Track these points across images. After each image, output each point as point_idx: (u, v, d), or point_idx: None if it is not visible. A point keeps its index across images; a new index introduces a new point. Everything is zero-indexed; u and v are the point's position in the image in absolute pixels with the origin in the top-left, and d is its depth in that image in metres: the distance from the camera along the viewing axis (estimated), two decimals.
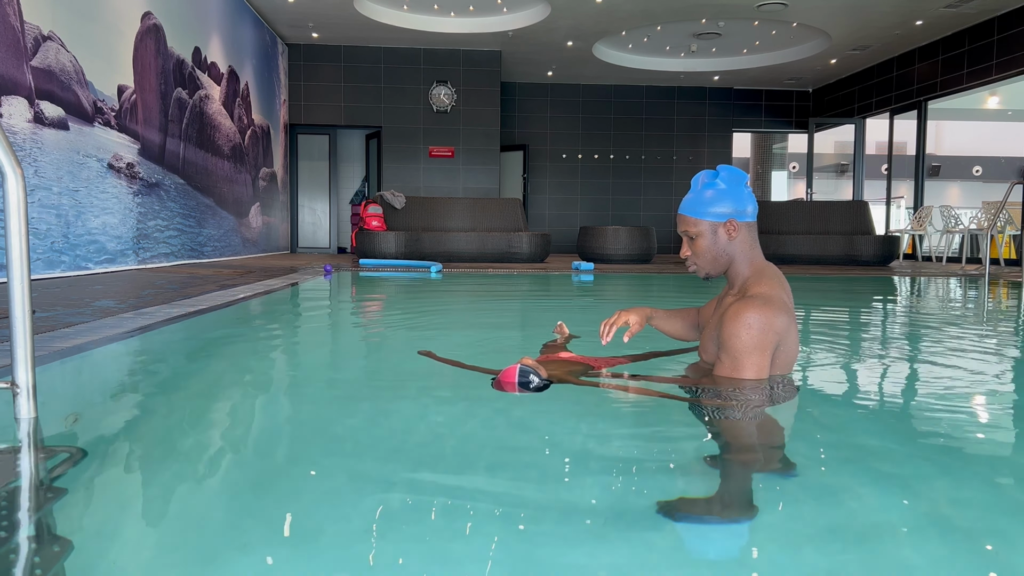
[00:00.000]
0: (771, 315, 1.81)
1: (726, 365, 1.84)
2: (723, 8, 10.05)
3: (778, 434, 1.64)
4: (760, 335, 1.80)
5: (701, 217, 1.90)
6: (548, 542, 1.05)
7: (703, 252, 1.93)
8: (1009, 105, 16.41)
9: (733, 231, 1.90)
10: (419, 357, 2.50)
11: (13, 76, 4.93)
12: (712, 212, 1.89)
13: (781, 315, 1.83)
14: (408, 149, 12.68)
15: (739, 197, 1.90)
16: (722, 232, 1.91)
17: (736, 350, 1.81)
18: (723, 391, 1.80)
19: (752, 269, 1.95)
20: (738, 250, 1.93)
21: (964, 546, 1.08)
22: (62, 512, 1.15)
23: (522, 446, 1.54)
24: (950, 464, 1.49)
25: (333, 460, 1.45)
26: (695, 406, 1.75)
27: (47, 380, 1.96)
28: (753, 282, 1.91)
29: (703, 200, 1.90)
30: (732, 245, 1.92)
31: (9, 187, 1.51)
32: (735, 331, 1.81)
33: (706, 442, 1.58)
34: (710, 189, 1.90)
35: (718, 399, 1.76)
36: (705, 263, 1.95)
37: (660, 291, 6.06)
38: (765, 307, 1.82)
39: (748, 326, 1.80)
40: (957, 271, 8.73)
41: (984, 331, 3.71)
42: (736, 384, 1.81)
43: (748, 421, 1.65)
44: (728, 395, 1.78)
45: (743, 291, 1.92)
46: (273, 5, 10.37)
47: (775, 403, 1.78)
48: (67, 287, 4.58)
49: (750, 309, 1.81)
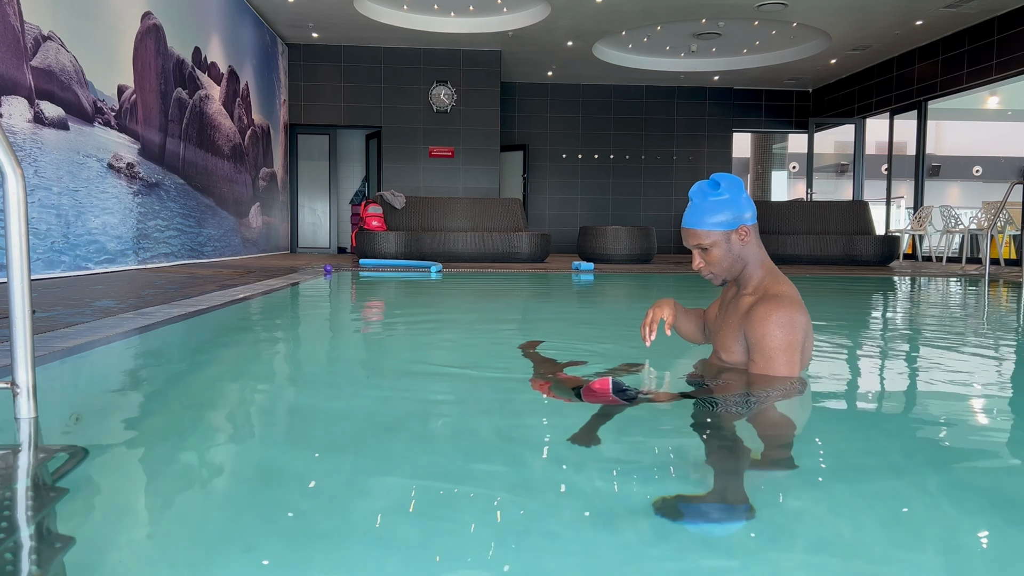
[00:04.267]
0: (798, 314, 1.90)
1: (759, 364, 1.90)
2: (723, 8, 10.05)
3: (791, 431, 1.67)
4: (792, 333, 1.88)
5: (713, 228, 1.95)
6: (548, 543, 1.05)
7: (719, 261, 1.98)
8: (1009, 105, 16.42)
9: (745, 236, 1.96)
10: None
11: (13, 76, 4.93)
12: (723, 222, 1.94)
13: (804, 313, 1.92)
14: (408, 149, 12.68)
15: (742, 203, 1.96)
16: (735, 239, 1.96)
17: (771, 349, 1.87)
18: (757, 393, 1.84)
19: (764, 269, 2.01)
20: (751, 253, 1.99)
21: (964, 546, 1.08)
22: (63, 511, 1.15)
23: (525, 446, 1.54)
24: (949, 464, 1.49)
25: (333, 459, 1.45)
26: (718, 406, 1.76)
27: (47, 380, 1.96)
28: (771, 282, 1.98)
29: (711, 211, 1.94)
30: (746, 249, 1.97)
31: (9, 187, 1.51)
32: (769, 331, 1.87)
33: (743, 443, 1.58)
34: (715, 199, 1.94)
35: (748, 402, 1.80)
36: (722, 271, 2.00)
37: (660, 291, 6.06)
38: (792, 306, 1.89)
39: (781, 325, 1.87)
40: (957, 271, 8.73)
41: (984, 331, 3.71)
42: (770, 383, 1.87)
43: (782, 420, 1.70)
44: (761, 396, 1.82)
45: (762, 291, 1.97)
46: (273, 5, 10.37)
47: (799, 399, 1.82)
48: (67, 287, 4.58)
49: (781, 309, 1.88)
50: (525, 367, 2.31)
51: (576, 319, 4.39)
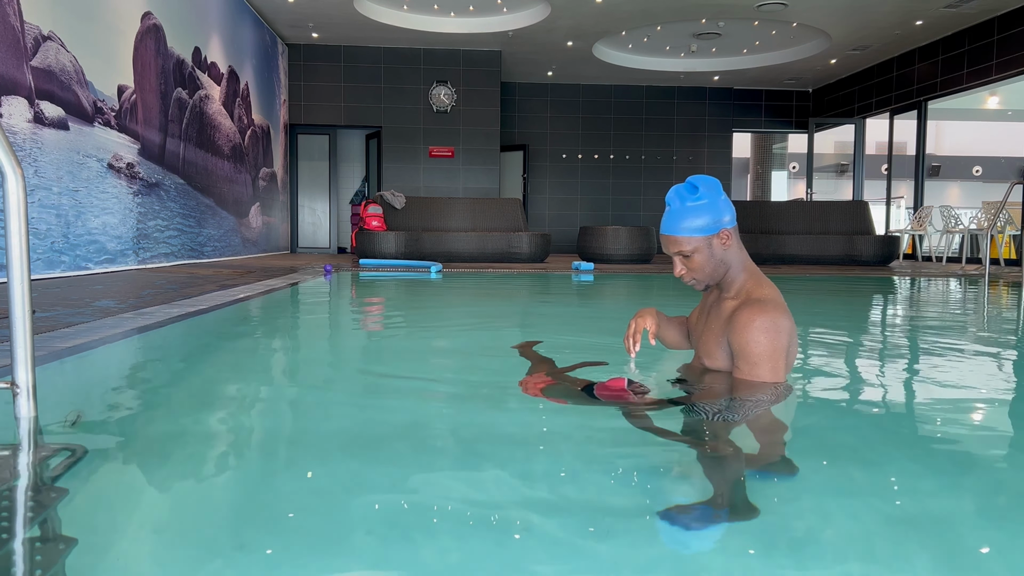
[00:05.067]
0: (782, 318, 1.85)
1: (744, 371, 1.86)
2: (723, 8, 10.05)
3: (782, 435, 1.65)
4: (776, 338, 1.83)
5: (694, 234, 1.88)
6: (547, 543, 1.05)
7: (702, 267, 1.92)
8: (1009, 105, 16.41)
9: (727, 239, 1.90)
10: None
11: (13, 76, 4.93)
12: (703, 226, 1.88)
13: (788, 317, 1.88)
14: (408, 149, 12.68)
15: (722, 205, 1.89)
16: (717, 243, 1.90)
17: (755, 355, 1.83)
18: (744, 398, 1.81)
19: (747, 272, 1.96)
20: (733, 256, 1.93)
21: (962, 546, 1.08)
22: (63, 511, 1.15)
23: (523, 447, 1.54)
24: (947, 465, 1.49)
25: (333, 459, 1.45)
26: (699, 413, 1.75)
27: (47, 380, 1.96)
28: (753, 285, 1.93)
29: (690, 216, 1.88)
30: (728, 253, 1.92)
31: (9, 187, 1.51)
32: (753, 337, 1.83)
33: (711, 448, 1.58)
34: (693, 204, 1.88)
35: (733, 407, 1.77)
36: (705, 276, 1.94)
37: (660, 291, 6.05)
38: (775, 311, 1.85)
39: (764, 330, 1.82)
40: (957, 271, 8.73)
41: (983, 331, 3.71)
42: (756, 388, 1.83)
43: (757, 425, 1.66)
44: (747, 401, 1.79)
45: (744, 295, 1.92)
46: (273, 5, 10.37)
47: (784, 403, 1.80)
48: (67, 287, 4.58)
49: (764, 314, 1.84)
50: (523, 367, 2.31)
51: (576, 320, 4.38)
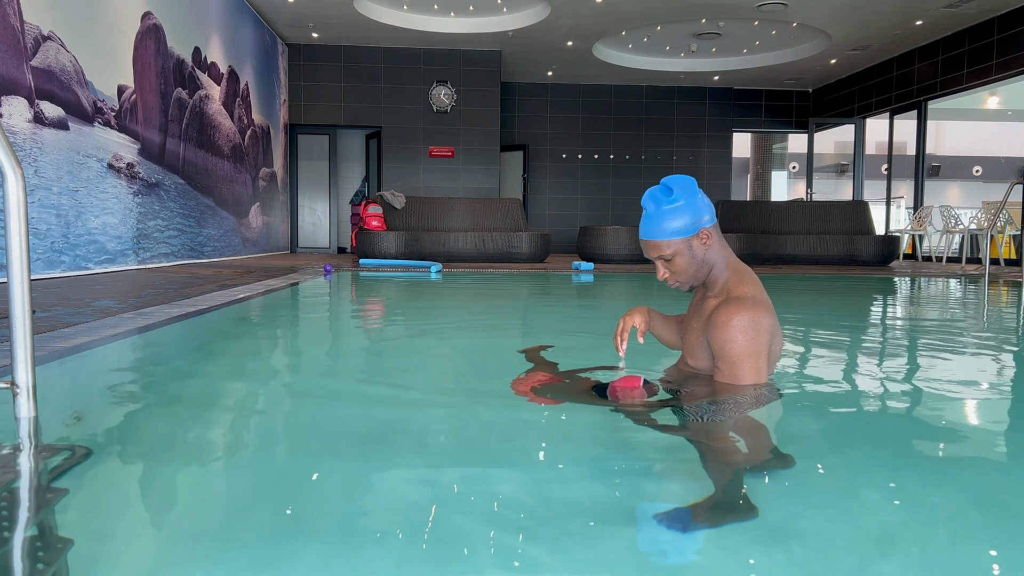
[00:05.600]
0: (763, 316, 1.80)
1: (724, 372, 1.81)
2: (723, 8, 10.05)
3: (768, 436, 1.64)
4: (757, 338, 1.78)
5: (672, 238, 1.85)
6: (547, 543, 1.05)
7: (684, 269, 1.89)
8: (1009, 105, 16.41)
9: (707, 239, 1.86)
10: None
11: (13, 76, 4.93)
12: (681, 228, 1.84)
13: (770, 315, 1.83)
14: (408, 149, 12.68)
15: (699, 205, 1.86)
16: (697, 244, 1.86)
17: (735, 356, 1.78)
18: (725, 400, 1.77)
19: (730, 270, 1.92)
20: (715, 255, 1.90)
21: (962, 546, 1.08)
22: (63, 511, 1.15)
23: (523, 448, 1.54)
24: (948, 465, 1.49)
25: (333, 459, 1.45)
26: (686, 414, 1.74)
27: (47, 380, 1.96)
28: (734, 283, 1.88)
29: (667, 219, 1.84)
30: (710, 252, 1.88)
31: (9, 187, 1.51)
32: (732, 336, 1.78)
33: (697, 451, 1.58)
34: (669, 207, 1.84)
35: (716, 408, 1.74)
36: (688, 278, 1.91)
37: (660, 291, 6.05)
38: (755, 309, 1.80)
39: (743, 329, 1.78)
40: (957, 271, 8.73)
41: (983, 332, 3.71)
42: (737, 391, 1.78)
43: (741, 426, 1.65)
44: (728, 403, 1.75)
45: (725, 292, 1.88)
46: (273, 5, 10.37)
47: (768, 406, 1.77)
48: (67, 287, 4.58)
49: (743, 312, 1.79)
50: (523, 366, 2.31)
51: (576, 320, 4.38)
